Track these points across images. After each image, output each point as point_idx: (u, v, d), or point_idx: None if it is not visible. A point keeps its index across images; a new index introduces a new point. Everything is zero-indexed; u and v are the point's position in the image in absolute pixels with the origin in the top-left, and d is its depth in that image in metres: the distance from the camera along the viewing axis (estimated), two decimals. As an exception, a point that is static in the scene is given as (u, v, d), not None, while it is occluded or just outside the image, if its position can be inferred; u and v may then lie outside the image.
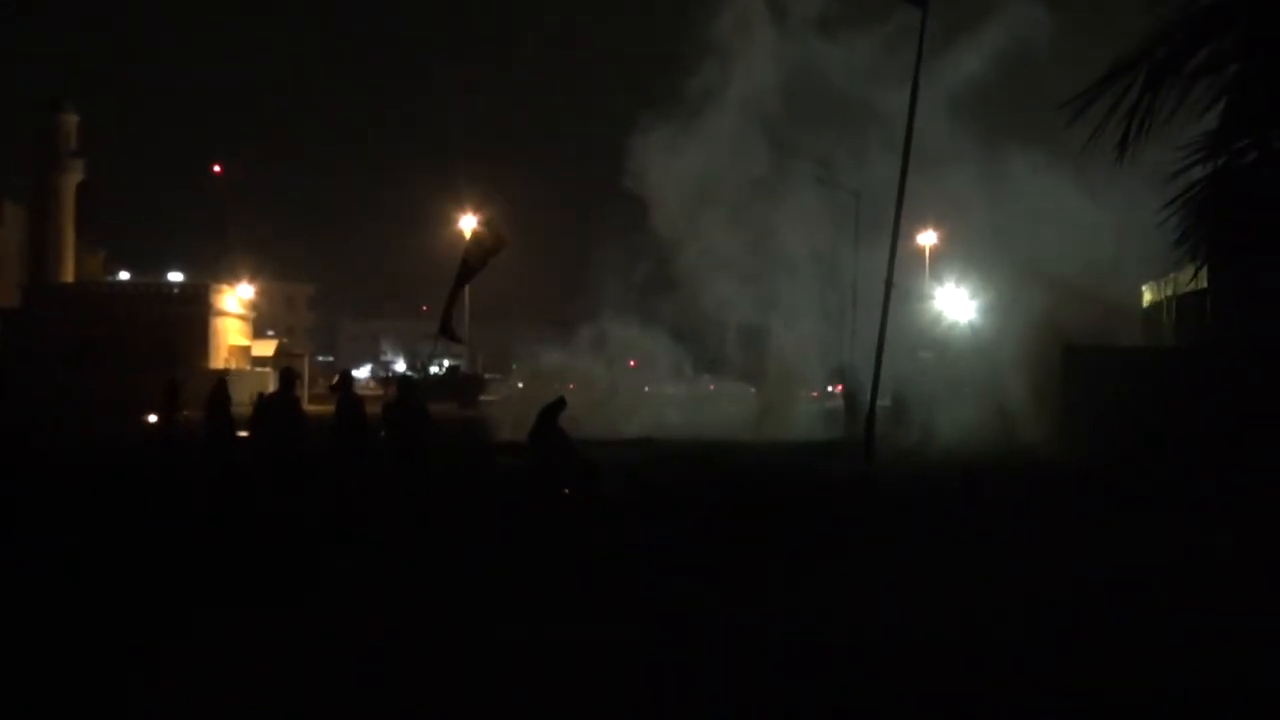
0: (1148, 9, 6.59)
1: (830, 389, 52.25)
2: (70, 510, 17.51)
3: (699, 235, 47.00)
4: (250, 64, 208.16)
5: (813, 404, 46.73)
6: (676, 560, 14.02)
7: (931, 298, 54.71)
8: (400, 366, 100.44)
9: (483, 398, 64.12)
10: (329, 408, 21.68)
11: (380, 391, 67.02)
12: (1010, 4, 38.16)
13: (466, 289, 23.93)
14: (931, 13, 22.03)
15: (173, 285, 77.52)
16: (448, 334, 22.39)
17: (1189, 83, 6.60)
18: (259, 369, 72.86)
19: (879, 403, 23.72)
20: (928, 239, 57.43)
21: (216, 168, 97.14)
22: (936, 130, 39.34)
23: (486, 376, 75.82)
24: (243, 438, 22.23)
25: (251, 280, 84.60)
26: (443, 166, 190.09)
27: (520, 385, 54.48)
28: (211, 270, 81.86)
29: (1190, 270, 7.19)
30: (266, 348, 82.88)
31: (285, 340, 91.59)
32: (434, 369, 70.42)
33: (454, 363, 75.40)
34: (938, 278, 56.36)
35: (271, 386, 38.05)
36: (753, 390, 51.35)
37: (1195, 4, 6.49)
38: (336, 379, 21.47)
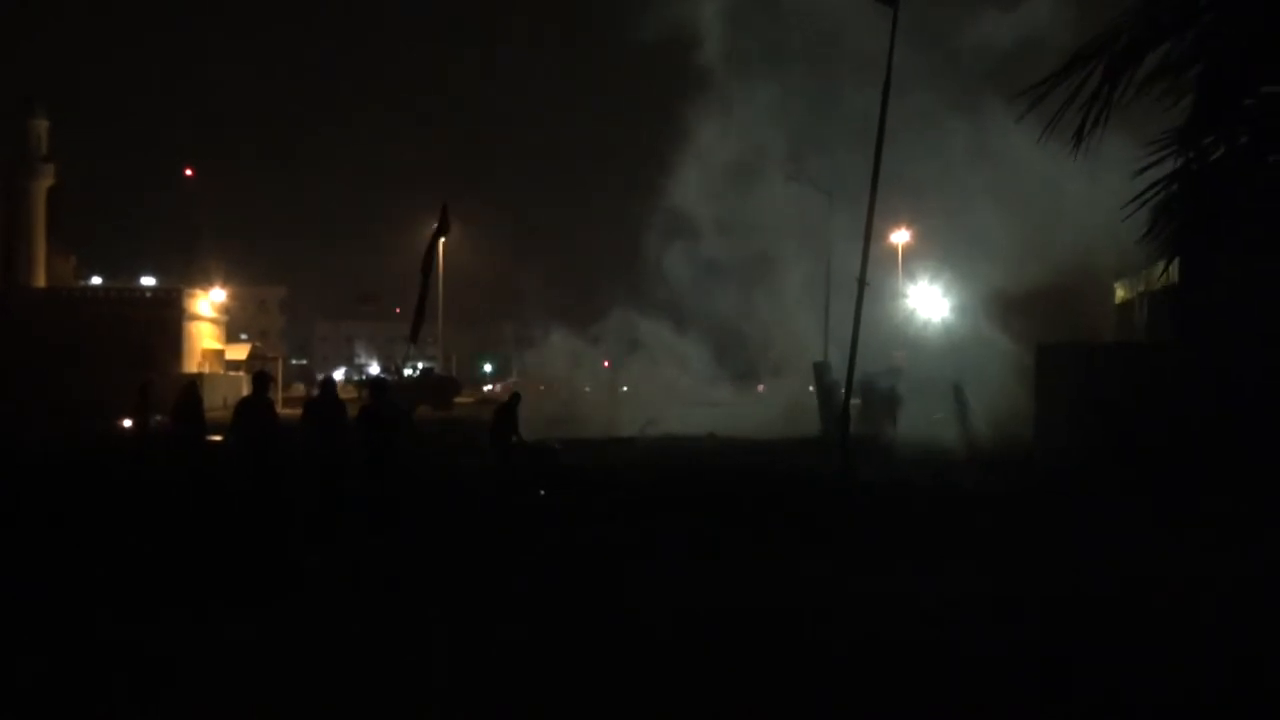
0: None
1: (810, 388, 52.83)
2: (44, 512, 17.46)
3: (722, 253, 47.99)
4: (223, 68, 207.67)
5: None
6: (650, 560, 14.08)
7: (905, 296, 54.93)
8: (374, 369, 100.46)
9: (458, 399, 64.18)
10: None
11: (355, 394, 67.13)
12: None
13: (440, 294, 23.98)
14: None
15: (145, 289, 77.32)
16: (415, 335, 22.78)
17: (1150, 81, 6.62)
18: (232, 372, 72.73)
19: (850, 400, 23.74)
20: (900, 237, 57.51)
21: (188, 171, 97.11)
22: (937, 98, 39.84)
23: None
24: (214, 441, 22.18)
25: (224, 284, 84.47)
26: (417, 169, 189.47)
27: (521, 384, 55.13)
28: (184, 274, 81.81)
29: (1159, 265, 7.25)
30: (240, 351, 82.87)
31: (258, 344, 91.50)
32: (408, 371, 70.44)
33: (428, 364, 75.39)
34: (911, 275, 56.58)
35: (245, 390, 37.95)
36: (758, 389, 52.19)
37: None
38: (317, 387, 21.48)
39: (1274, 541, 14.27)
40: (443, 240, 23.17)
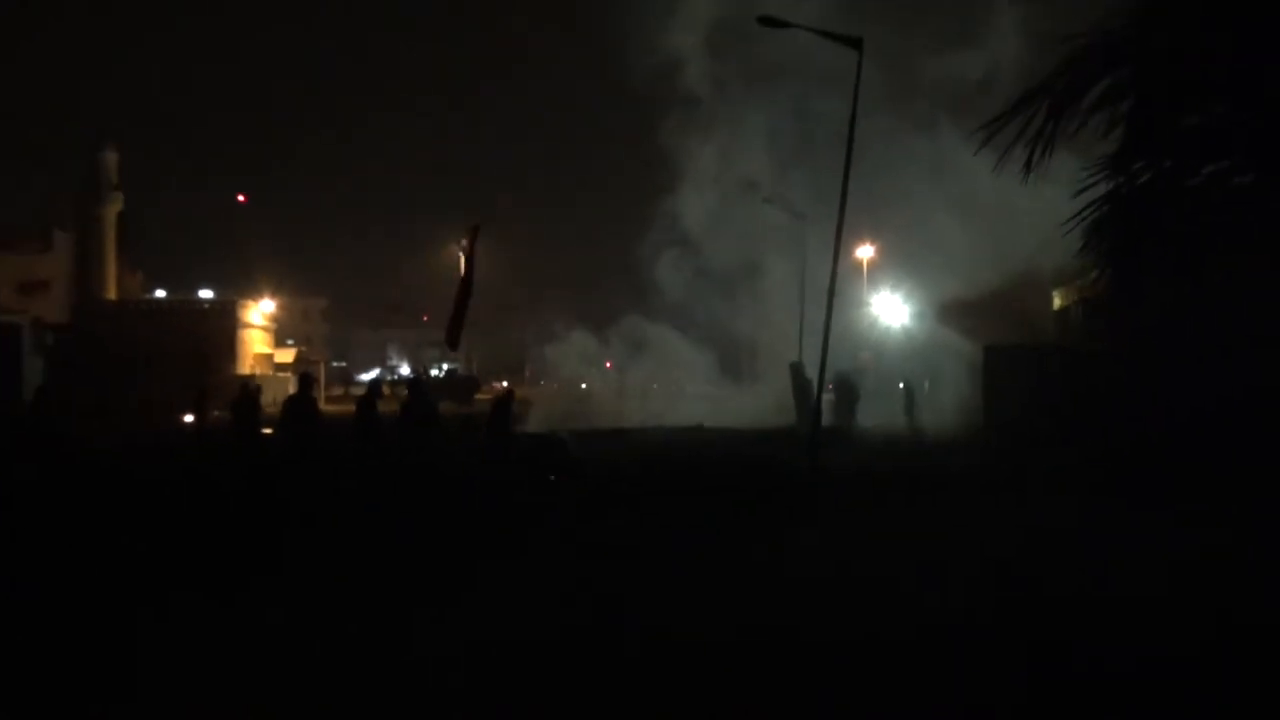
0: (1053, 45, 6.70)
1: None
2: (117, 503, 17.29)
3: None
4: (271, 96, 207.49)
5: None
6: (646, 542, 14.06)
7: (868, 305, 55.02)
8: (405, 369, 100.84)
9: (478, 396, 64.20)
10: (343, 408, 21.85)
11: (389, 392, 67.64)
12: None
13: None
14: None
15: (204, 301, 77.32)
16: (452, 344, 22.91)
17: (1089, 114, 6.67)
18: (280, 374, 72.70)
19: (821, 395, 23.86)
20: (865, 252, 57.59)
21: (240, 197, 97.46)
22: (903, 122, 39.78)
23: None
24: (266, 434, 22.15)
25: (272, 295, 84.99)
26: (444, 188, 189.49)
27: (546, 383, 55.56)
28: (237, 287, 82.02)
29: (1093, 275, 7.26)
30: (287, 355, 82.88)
31: (303, 348, 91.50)
32: (434, 371, 70.53)
33: (452, 365, 75.41)
34: (875, 286, 56.77)
35: (292, 389, 37.96)
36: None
37: (1093, 43, 6.55)
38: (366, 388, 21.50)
39: (1202, 523, 14.33)
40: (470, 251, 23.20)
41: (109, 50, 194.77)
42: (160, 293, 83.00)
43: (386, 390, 66.06)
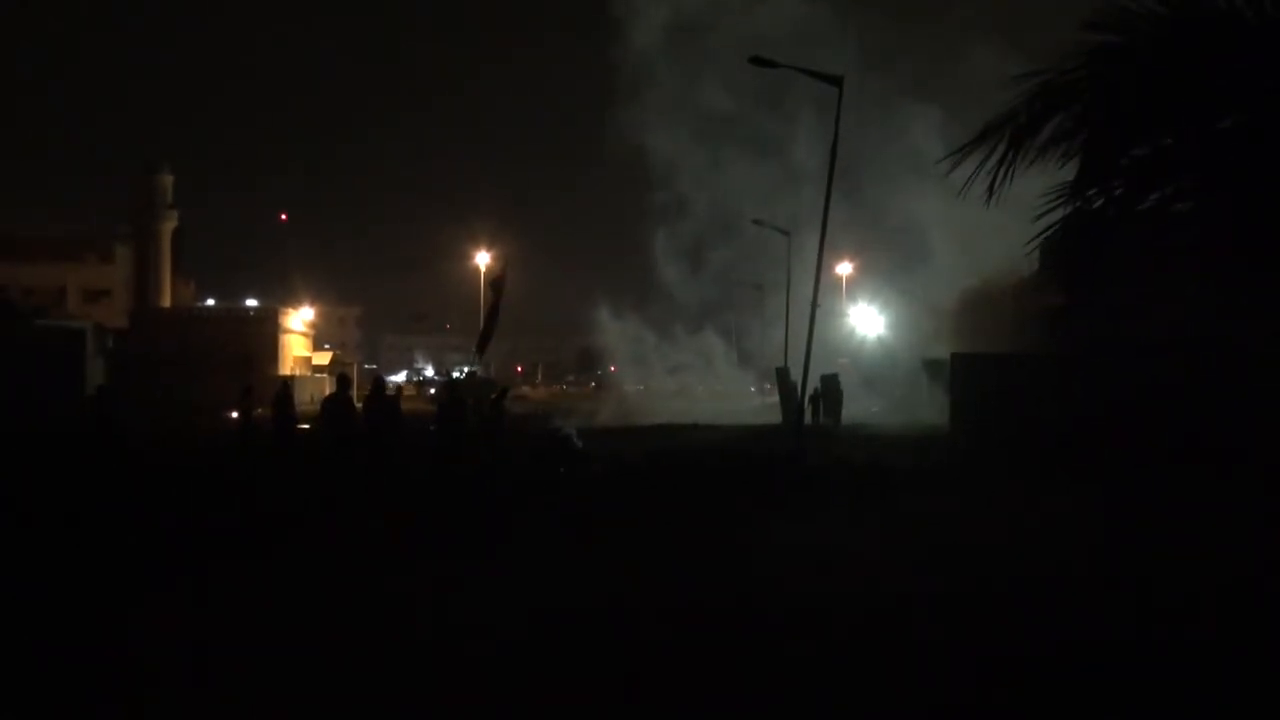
0: (1014, 82, 6.74)
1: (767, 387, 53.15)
2: (169, 484, 17.21)
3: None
4: (309, 124, 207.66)
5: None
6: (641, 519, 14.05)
7: (846, 315, 55.13)
8: (429, 371, 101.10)
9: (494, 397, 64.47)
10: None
11: (414, 391, 68.82)
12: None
13: (481, 312, 24.24)
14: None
15: (249, 309, 77.48)
16: (481, 350, 23.66)
17: (1047, 145, 6.73)
18: (318, 375, 72.80)
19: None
20: (844, 269, 57.68)
21: (282, 216, 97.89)
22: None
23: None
24: (303, 429, 22.21)
25: (311, 304, 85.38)
26: (467, 209, 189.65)
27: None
28: (280, 296, 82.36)
29: (1052, 288, 7.33)
30: (324, 358, 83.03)
31: (338, 352, 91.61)
32: (455, 374, 70.60)
33: (472, 368, 75.61)
34: (853, 298, 56.91)
35: (328, 389, 38.00)
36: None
37: (1052, 80, 6.59)
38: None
39: (1139, 510, 14.36)
40: (488, 264, 23.86)
41: (150, 67, 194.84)
42: (210, 301, 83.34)
43: (411, 389, 66.12)
